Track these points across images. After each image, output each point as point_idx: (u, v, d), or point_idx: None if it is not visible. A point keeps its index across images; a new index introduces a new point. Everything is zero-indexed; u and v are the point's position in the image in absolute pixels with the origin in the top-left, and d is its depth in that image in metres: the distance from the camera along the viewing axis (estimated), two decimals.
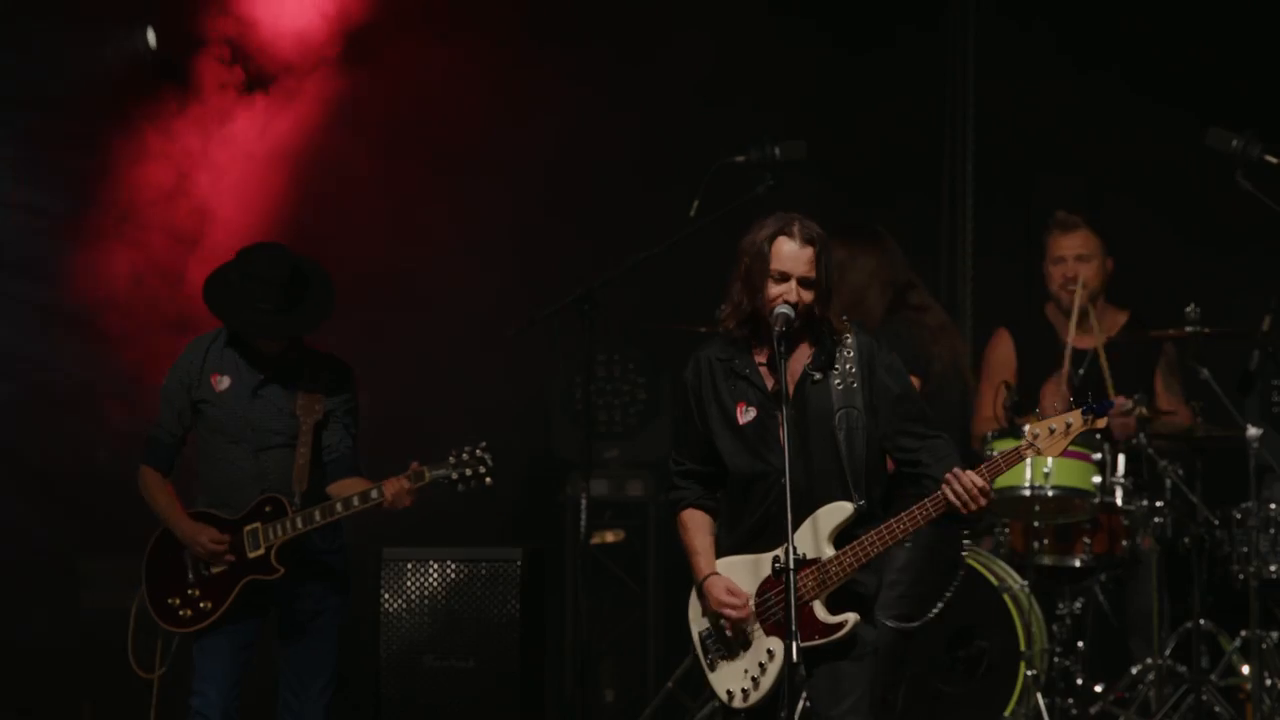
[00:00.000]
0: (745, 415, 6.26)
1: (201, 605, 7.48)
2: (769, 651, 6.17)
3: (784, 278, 6.16)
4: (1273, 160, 8.52)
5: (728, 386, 6.29)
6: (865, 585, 6.21)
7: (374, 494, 7.45)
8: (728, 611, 6.18)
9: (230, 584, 7.47)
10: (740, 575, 6.24)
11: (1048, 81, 10.35)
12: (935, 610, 6.97)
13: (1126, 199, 9.95)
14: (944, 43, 10.65)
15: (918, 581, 6.95)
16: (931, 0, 10.66)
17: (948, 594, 6.98)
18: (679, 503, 6.39)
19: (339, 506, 7.46)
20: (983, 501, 6.09)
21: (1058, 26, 10.38)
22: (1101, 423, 6.16)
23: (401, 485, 7.43)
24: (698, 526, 6.35)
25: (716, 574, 6.24)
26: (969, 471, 6.09)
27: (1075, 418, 6.14)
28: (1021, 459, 6.21)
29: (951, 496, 6.07)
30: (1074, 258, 9.36)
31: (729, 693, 6.22)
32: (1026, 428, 6.22)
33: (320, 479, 7.59)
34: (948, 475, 6.08)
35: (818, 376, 6.22)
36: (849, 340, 6.24)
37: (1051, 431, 6.16)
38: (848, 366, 6.22)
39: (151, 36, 10.16)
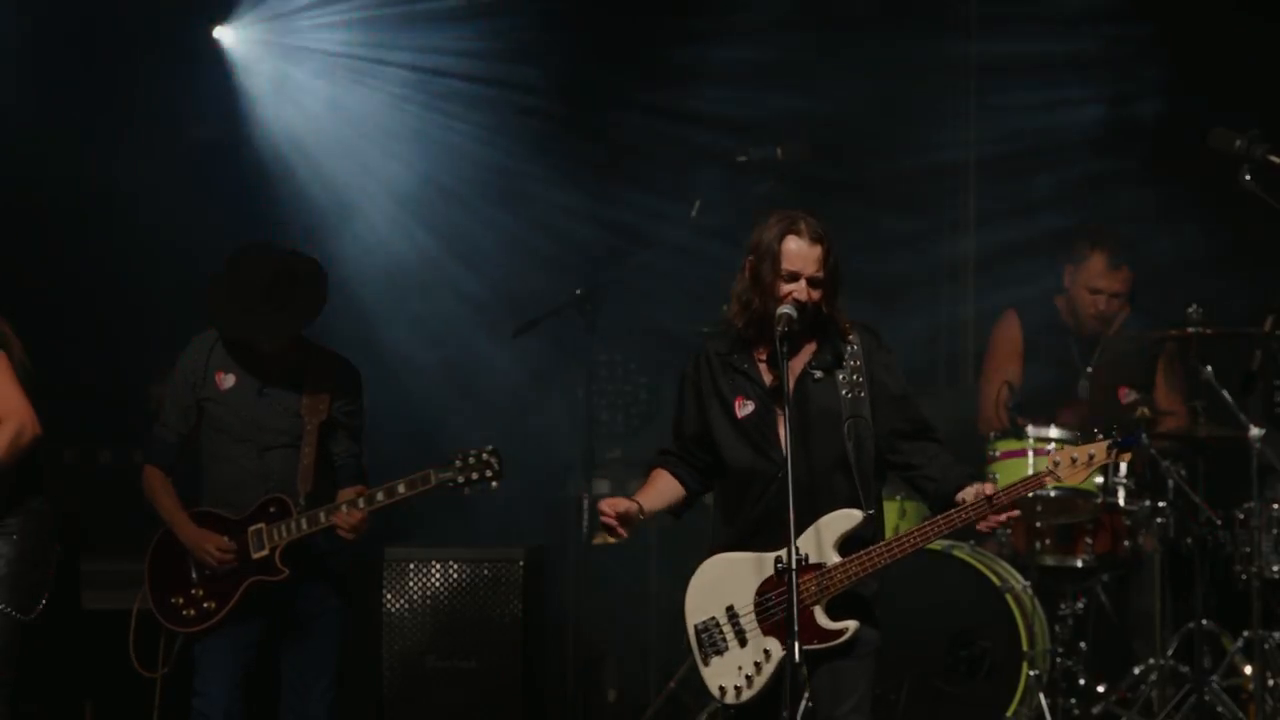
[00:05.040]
0: (743, 409, 6.28)
1: (205, 605, 7.47)
2: (765, 651, 6.18)
3: (794, 277, 6.18)
4: (1276, 160, 8.52)
5: (726, 381, 6.31)
6: (866, 587, 6.22)
7: (322, 518, 7.44)
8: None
9: (234, 585, 7.45)
10: (743, 572, 6.24)
11: (1049, 78, 10.35)
12: (44, 603, 7.07)
13: (1128, 198, 9.94)
14: (947, 39, 10.67)
15: (31, 571, 7.04)
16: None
17: (49, 585, 7.10)
18: (655, 462, 6.50)
19: (303, 523, 7.44)
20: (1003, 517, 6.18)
21: (1056, 23, 10.39)
22: (1126, 457, 6.20)
23: (354, 517, 7.41)
24: (650, 481, 6.47)
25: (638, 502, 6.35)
26: (998, 494, 6.16)
27: (1099, 450, 6.16)
28: (1043, 486, 6.24)
29: (984, 527, 6.18)
30: (1110, 296, 9.35)
31: (721, 688, 6.26)
32: (1050, 451, 6.24)
33: (326, 480, 7.58)
34: (983, 501, 6.12)
35: (819, 375, 6.24)
36: (853, 339, 6.25)
37: (1074, 461, 6.18)
38: (854, 376, 6.23)
39: None
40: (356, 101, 10.36)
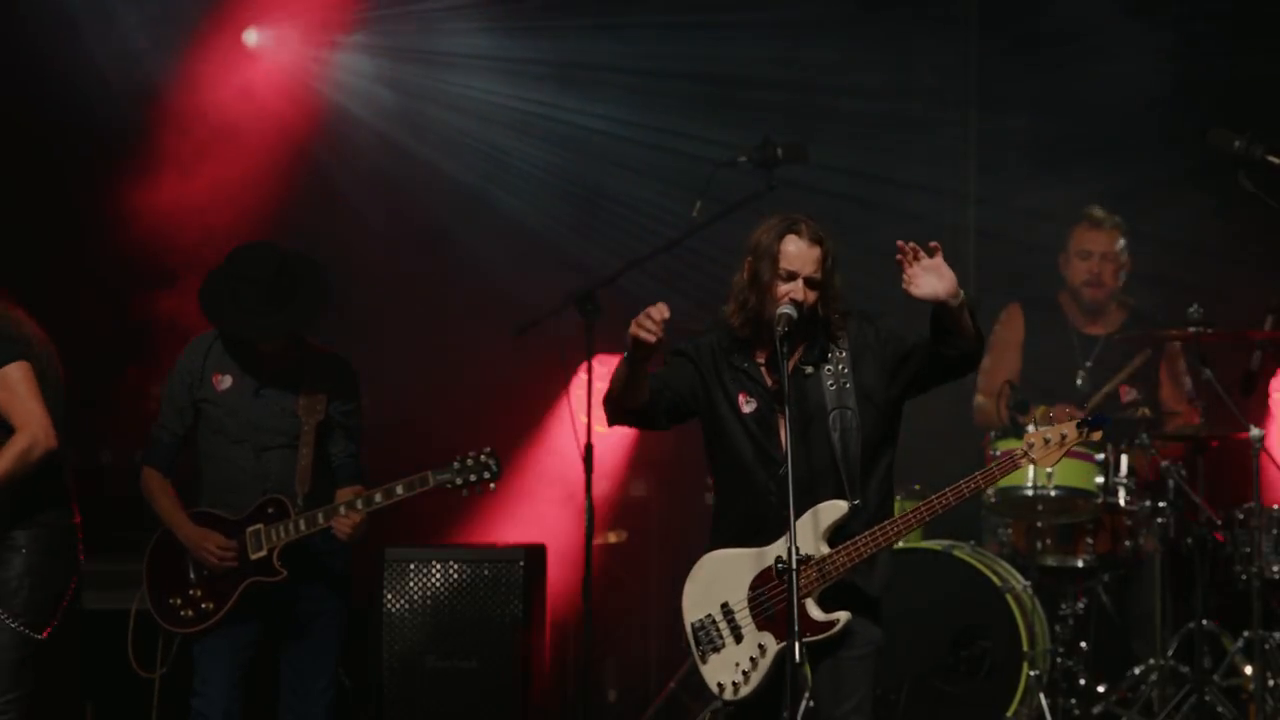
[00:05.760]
0: (747, 405, 6.29)
1: (203, 606, 7.47)
2: (760, 646, 6.20)
3: (791, 276, 6.19)
4: (1275, 160, 8.52)
5: (730, 375, 6.31)
6: (871, 584, 6.22)
7: (320, 518, 7.43)
8: None
9: (232, 585, 7.45)
10: (736, 568, 6.25)
11: (1050, 75, 10.35)
12: (58, 620, 6.92)
13: (1128, 197, 9.93)
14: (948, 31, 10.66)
15: (43, 585, 6.91)
16: None
17: (66, 600, 6.94)
18: None
19: (301, 524, 7.43)
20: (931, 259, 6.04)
21: (1058, 22, 10.38)
22: (1096, 437, 6.18)
23: (351, 520, 7.40)
24: None
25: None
26: (975, 478, 6.14)
27: (1070, 430, 6.16)
28: (1017, 467, 6.23)
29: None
30: (1100, 255, 9.39)
31: (719, 685, 6.26)
32: (1028, 429, 6.22)
33: (324, 480, 7.57)
34: (960, 486, 6.10)
35: (809, 370, 6.24)
36: (842, 334, 6.25)
37: (1046, 442, 6.18)
38: (840, 367, 6.23)
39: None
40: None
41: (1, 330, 6.99)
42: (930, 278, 6.05)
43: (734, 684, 6.23)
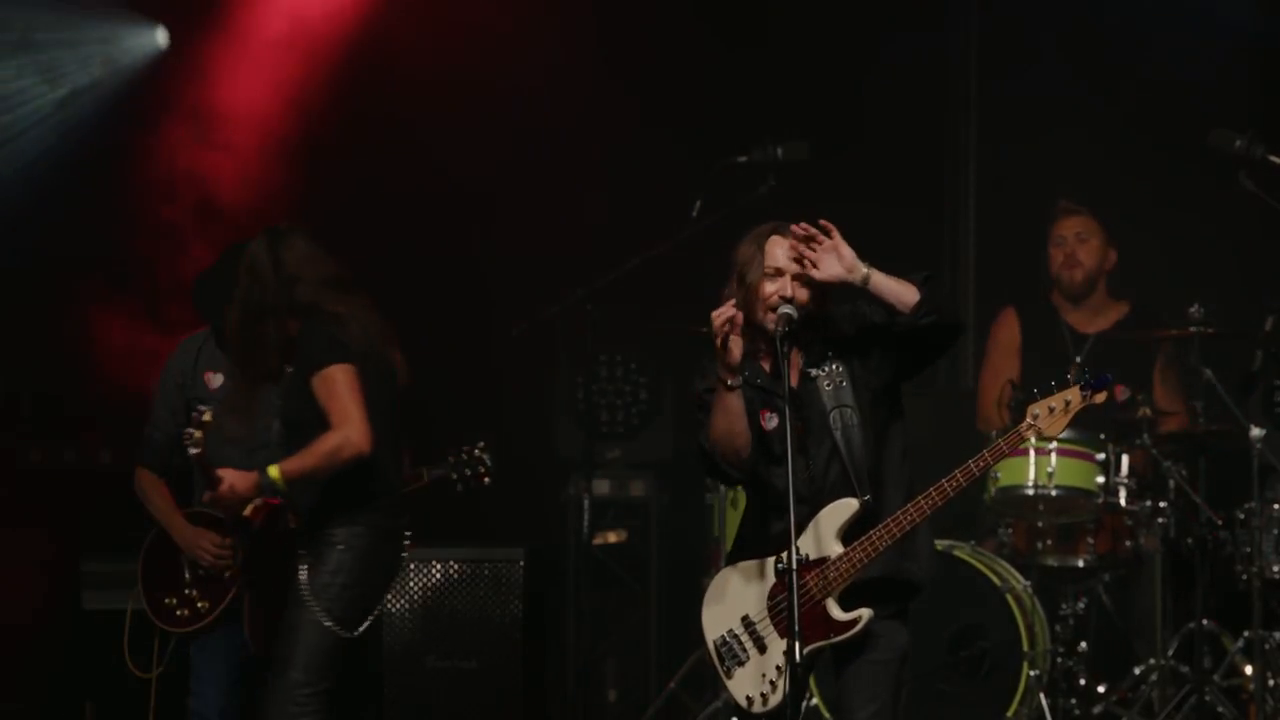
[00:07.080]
0: (769, 422, 6.19)
1: (199, 606, 7.46)
2: (785, 654, 6.11)
3: (778, 274, 6.12)
4: (1276, 160, 8.53)
5: (752, 393, 6.20)
6: (915, 568, 6.17)
7: None
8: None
9: (228, 585, 7.45)
10: (753, 580, 6.20)
11: (1050, 77, 10.34)
12: (371, 619, 6.86)
13: (1129, 197, 9.93)
14: (946, 37, 10.66)
15: (356, 583, 6.83)
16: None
17: (380, 605, 6.88)
18: None
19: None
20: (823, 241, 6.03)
21: (1058, 24, 10.37)
22: (1100, 398, 6.11)
23: None
24: None
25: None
26: (982, 457, 6.09)
27: (1073, 394, 6.09)
28: (1023, 439, 6.17)
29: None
30: (1074, 236, 9.42)
31: (748, 698, 6.17)
32: (1027, 409, 6.19)
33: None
34: (969, 465, 6.05)
35: (814, 373, 6.19)
36: (836, 332, 6.21)
37: (1051, 410, 6.12)
38: (835, 365, 6.18)
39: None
40: None
41: (331, 335, 6.93)
42: (829, 259, 6.02)
43: (762, 695, 6.14)
